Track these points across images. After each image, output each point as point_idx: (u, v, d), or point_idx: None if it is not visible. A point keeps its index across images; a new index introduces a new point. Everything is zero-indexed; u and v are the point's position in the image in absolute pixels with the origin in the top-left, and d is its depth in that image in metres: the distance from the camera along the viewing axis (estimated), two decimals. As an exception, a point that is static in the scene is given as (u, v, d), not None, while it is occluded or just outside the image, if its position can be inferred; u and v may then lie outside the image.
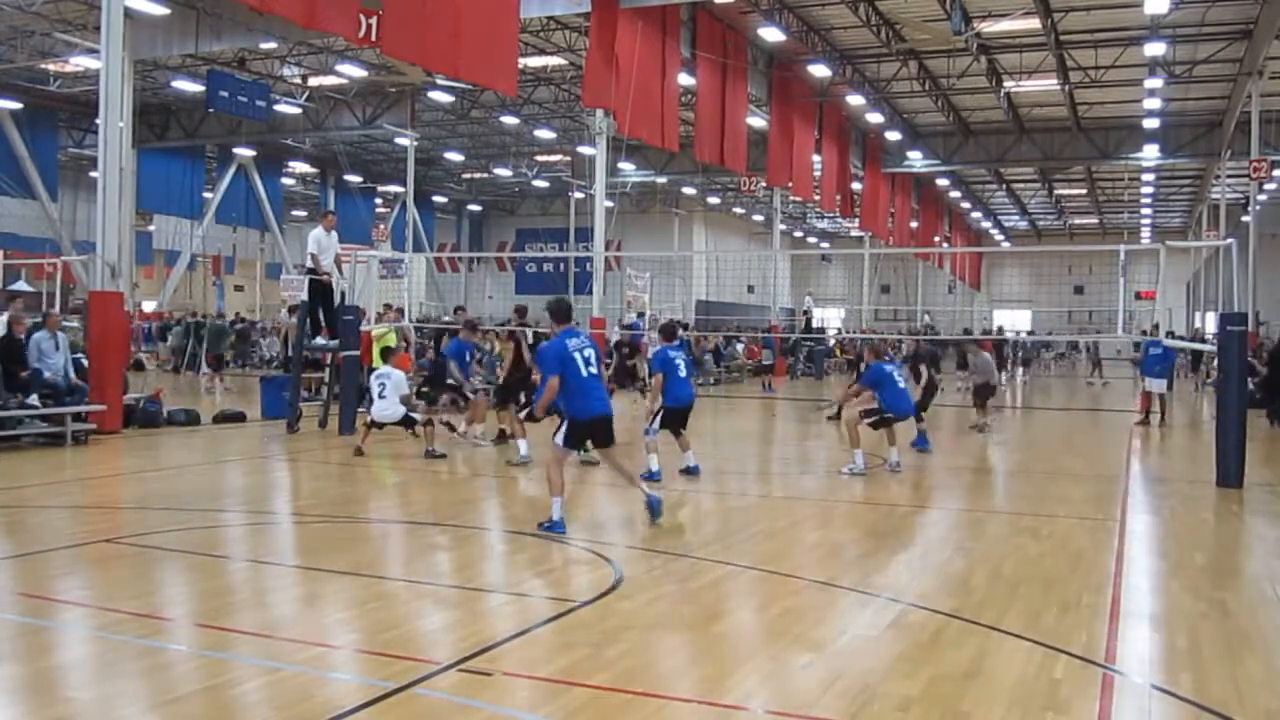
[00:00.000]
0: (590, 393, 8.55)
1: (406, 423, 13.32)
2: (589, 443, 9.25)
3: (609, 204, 29.13)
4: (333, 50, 29.25)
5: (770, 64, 30.16)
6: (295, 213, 54.05)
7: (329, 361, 16.77)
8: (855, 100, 32.55)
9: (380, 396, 13.22)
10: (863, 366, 15.88)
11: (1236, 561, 8.43)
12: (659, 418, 11.68)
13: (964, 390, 29.08)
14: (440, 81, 30.23)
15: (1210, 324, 37.76)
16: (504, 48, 18.28)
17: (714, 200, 54.42)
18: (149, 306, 40.75)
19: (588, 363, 8.52)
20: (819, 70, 28.88)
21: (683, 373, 11.85)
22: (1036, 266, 59.50)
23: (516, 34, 19.71)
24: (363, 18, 15.56)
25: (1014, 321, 55.73)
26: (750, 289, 50.62)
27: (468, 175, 52.37)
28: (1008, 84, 31.13)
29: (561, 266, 49.84)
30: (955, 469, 13.51)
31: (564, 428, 8.57)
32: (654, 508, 8.68)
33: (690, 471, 11.65)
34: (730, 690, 4.89)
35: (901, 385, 12.93)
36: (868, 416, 12.54)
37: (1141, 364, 20.73)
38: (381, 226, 43.68)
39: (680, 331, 15.94)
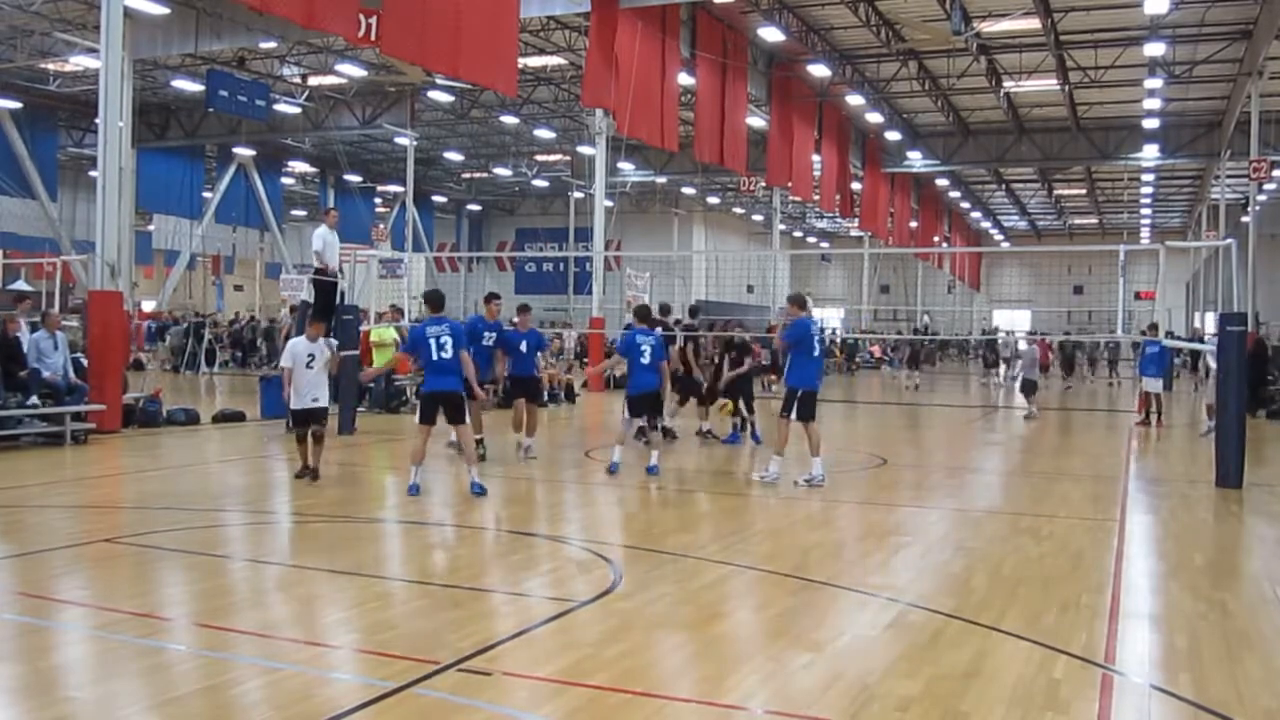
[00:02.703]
0: (436, 372, 9.83)
1: (317, 415, 10.78)
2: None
3: (609, 204, 29.14)
4: (332, 50, 29.26)
5: (770, 64, 30.17)
6: (295, 212, 54.04)
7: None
8: (855, 100, 32.57)
9: (307, 367, 10.57)
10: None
11: (1236, 562, 8.43)
12: (627, 407, 11.59)
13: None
14: (440, 81, 30.22)
15: (1210, 324, 37.73)
16: (504, 47, 18.28)
17: (714, 200, 54.42)
18: (148, 306, 40.74)
19: (440, 347, 9.75)
20: (819, 70, 28.89)
21: (646, 359, 11.51)
22: (1036, 267, 59.56)
23: (516, 33, 19.71)
24: (362, 17, 15.55)
25: (1013, 321, 55.74)
26: (750, 289, 50.60)
27: (467, 175, 52.36)
28: (1007, 84, 31.14)
29: (561, 266, 49.81)
30: (955, 469, 13.51)
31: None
32: (475, 490, 9.85)
33: (650, 472, 11.48)
34: (730, 690, 4.89)
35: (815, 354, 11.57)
36: (787, 410, 11.20)
37: (1138, 364, 20.96)
38: (381, 226, 43.64)
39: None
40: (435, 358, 9.75)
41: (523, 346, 12.78)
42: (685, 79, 25.53)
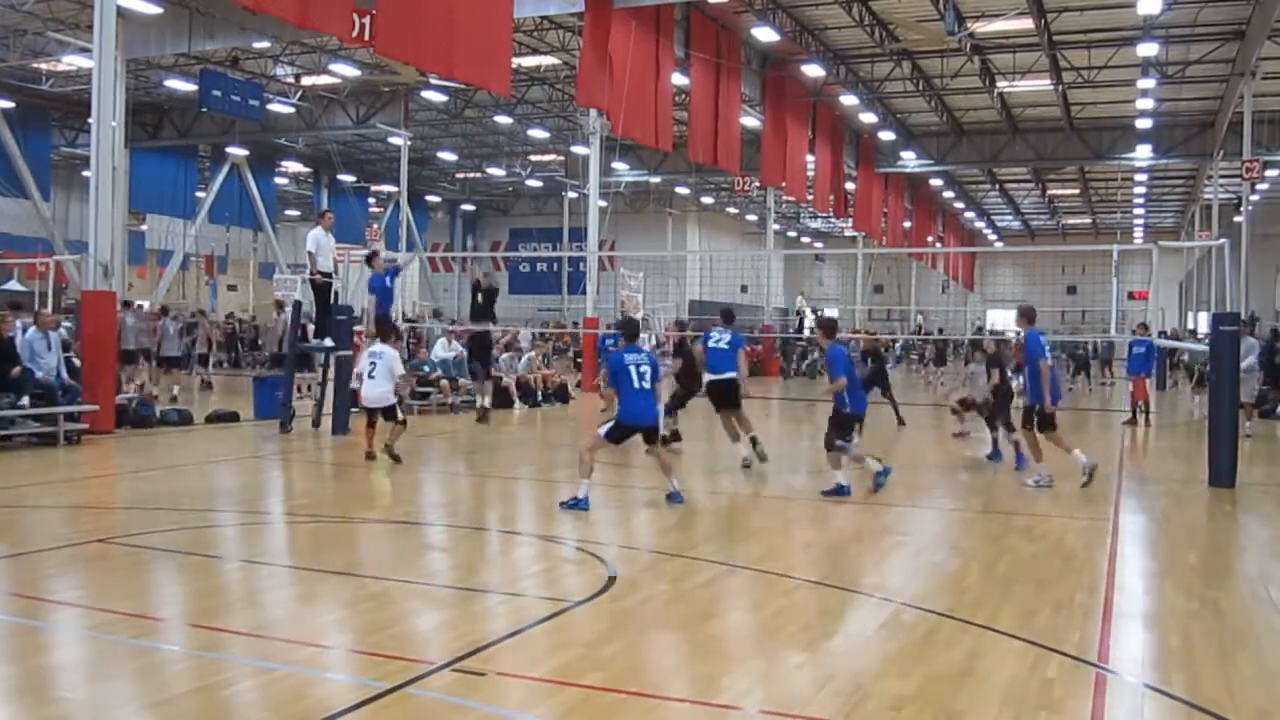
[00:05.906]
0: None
1: (389, 414, 12.33)
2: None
3: (603, 204, 29.12)
4: (326, 49, 29.21)
5: (764, 64, 30.20)
6: (289, 212, 53.93)
7: (324, 361, 16.73)
8: (849, 100, 32.59)
9: (370, 376, 12.14)
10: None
11: (1229, 561, 8.45)
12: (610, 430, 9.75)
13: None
14: (434, 81, 30.19)
15: (1203, 324, 37.82)
16: (498, 47, 18.27)
17: (708, 200, 54.40)
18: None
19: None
20: (813, 70, 28.90)
21: (644, 384, 9.57)
22: (1029, 266, 59.57)
23: (510, 33, 19.70)
24: (356, 17, 15.53)
25: (1007, 322, 55.81)
26: (744, 289, 50.59)
27: (461, 175, 52.30)
28: (1001, 84, 31.20)
29: (555, 266, 49.81)
30: (948, 469, 13.52)
31: None
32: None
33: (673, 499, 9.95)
34: (724, 690, 4.89)
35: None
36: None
37: (1126, 363, 20.91)
38: (375, 226, 43.56)
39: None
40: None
41: None
42: (679, 79, 25.56)
